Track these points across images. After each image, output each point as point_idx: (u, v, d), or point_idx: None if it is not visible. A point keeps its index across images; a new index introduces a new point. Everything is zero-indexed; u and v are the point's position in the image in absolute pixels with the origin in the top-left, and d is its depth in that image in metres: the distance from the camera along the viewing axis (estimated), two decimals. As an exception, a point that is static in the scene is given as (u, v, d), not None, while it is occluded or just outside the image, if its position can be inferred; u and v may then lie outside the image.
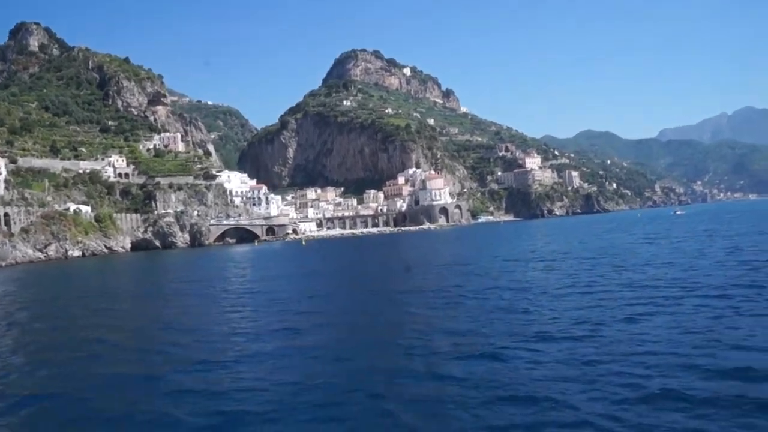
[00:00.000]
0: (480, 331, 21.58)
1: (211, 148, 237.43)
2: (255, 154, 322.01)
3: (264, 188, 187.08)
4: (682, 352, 16.66)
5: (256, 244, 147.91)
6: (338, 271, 60.31)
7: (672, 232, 78.87)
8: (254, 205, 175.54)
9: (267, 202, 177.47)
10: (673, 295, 25.90)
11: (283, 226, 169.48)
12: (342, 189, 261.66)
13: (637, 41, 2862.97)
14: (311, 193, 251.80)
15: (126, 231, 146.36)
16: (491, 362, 17.14)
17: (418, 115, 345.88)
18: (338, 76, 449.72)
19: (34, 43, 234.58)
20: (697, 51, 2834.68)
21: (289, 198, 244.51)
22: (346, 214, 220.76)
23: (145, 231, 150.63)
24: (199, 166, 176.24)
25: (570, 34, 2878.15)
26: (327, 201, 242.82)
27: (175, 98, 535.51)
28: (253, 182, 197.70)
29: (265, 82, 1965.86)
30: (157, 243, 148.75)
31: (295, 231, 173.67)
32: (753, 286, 26.38)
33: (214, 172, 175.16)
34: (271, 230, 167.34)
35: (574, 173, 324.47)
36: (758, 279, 28.50)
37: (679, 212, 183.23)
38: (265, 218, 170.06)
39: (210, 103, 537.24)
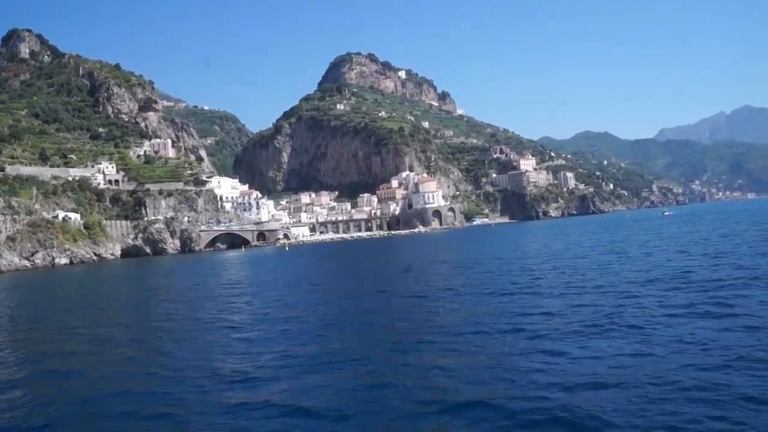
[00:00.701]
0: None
1: (203, 153, 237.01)
2: (249, 159, 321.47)
3: (255, 193, 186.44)
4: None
5: (243, 249, 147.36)
6: (300, 277, 59.47)
7: (630, 238, 74.98)
8: (245, 210, 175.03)
9: (258, 208, 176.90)
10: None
11: (273, 231, 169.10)
12: (336, 193, 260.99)
13: (635, 41, 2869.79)
14: (305, 198, 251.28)
15: (116, 238, 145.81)
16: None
17: (412, 119, 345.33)
18: (333, 80, 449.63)
19: (25, 50, 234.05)
20: (695, 50, 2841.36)
21: (283, 203, 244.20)
22: (340, 218, 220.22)
23: (135, 238, 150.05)
24: (190, 172, 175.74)
25: (567, 35, 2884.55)
26: (321, 205, 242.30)
27: (172, 104, 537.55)
28: (245, 188, 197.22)
29: (262, 87, 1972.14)
30: (148, 249, 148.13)
31: (286, 236, 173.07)
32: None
33: (204, 178, 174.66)
34: (261, 235, 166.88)
35: (569, 174, 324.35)
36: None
37: (666, 213, 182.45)
38: (256, 223, 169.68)
39: (207, 108, 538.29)
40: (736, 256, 39.79)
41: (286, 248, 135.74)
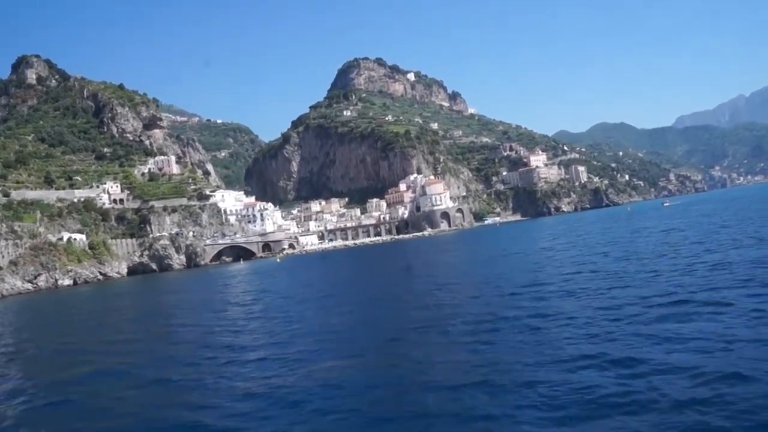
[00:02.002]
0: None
1: (210, 167, 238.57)
2: (260, 170, 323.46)
3: (259, 205, 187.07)
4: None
5: (241, 262, 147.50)
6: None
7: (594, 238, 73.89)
8: (249, 222, 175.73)
9: (262, 219, 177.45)
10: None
11: (279, 241, 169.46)
12: (346, 200, 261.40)
13: (647, 28, 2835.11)
14: (315, 206, 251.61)
15: (122, 256, 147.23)
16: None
17: (420, 120, 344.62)
18: (342, 86, 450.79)
19: (32, 76, 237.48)
20: (709, 33, 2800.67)
21: (294, 212, 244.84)
22: (348, 224, 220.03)
23: (141, 255, 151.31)
24: (193, 187, 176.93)
25: (580, 25, 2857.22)
26: (331, 213, 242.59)
27: (186, 119, 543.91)
28: (249, 200, 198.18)
29: (273, 97, 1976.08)
30: (154, 266, 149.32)
31: (292, 246, 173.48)
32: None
33: (207, 192, 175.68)
34: (267, 246, 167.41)
35: (581, 168, 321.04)
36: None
37: (666, 204, 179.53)
38: (261, 235, 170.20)
39: (219, 121, 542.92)
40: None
41: (278, 260, 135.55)
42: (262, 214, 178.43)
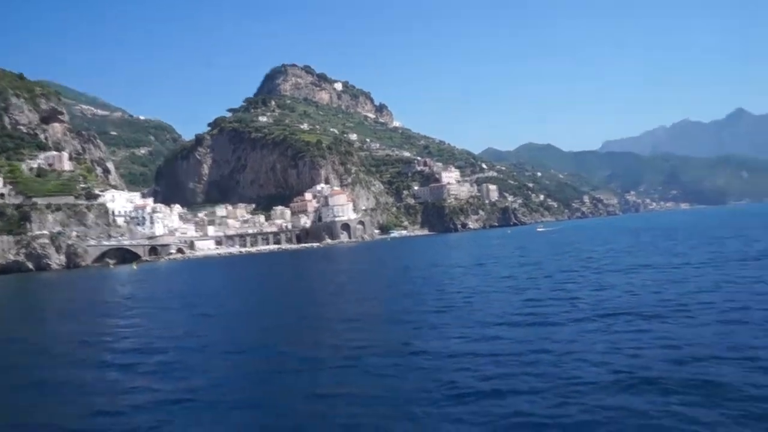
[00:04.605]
0: None
1: (110, 165, 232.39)
2: (171, 171, 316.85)
3: (149, 207, 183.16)
4: None
5: (135, 267, 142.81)
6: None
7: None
8: (138, 224, 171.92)
9: (152, 222, 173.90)
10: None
11: (166, 246, 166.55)
12: (254, 206, 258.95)
13: (580, 54, 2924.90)
14: (221, 210, 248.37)
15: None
16: None
17: (336, 131, 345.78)
18: (268, 91, 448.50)
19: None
20: (639, 64, 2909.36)
21: (200, 215, 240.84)
22: (250, 231, 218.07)
23: (17, 253, 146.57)
24: (83, 185, 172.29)
25: (512, 47, 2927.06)
26: (236, 218, 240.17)
27: (107, 113, 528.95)
28: (144, 201, 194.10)
29: (202, 98, 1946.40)
30: (30, 265, 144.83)
31: (180, 251, 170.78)
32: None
33: (96, 192, 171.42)
34: (154, 250, 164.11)
35: (492, 186, 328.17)
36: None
37: (540, 229, 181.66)
38: (149, 238, 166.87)
39: (143, 118, 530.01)
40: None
41: (135, 266, 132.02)
42: (151, 217, 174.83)
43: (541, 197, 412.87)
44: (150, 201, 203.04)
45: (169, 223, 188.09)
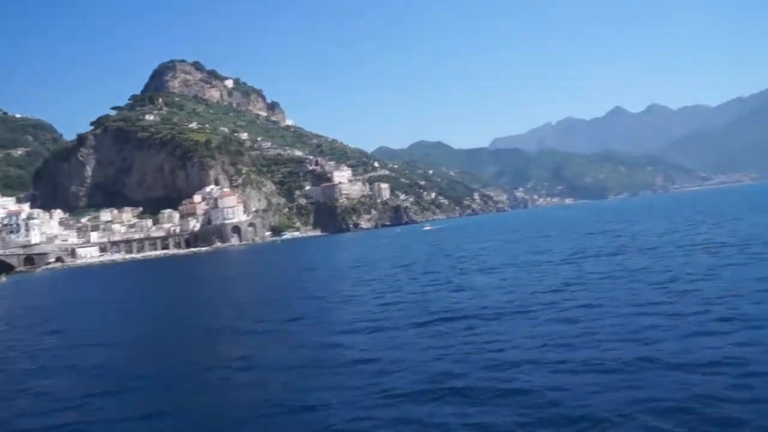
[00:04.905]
0: None
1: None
2: (51, 173, 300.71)
3: (24, 213, 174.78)
4: None
5: (3, 279, 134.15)
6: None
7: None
8: (12, 232, 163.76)
9: (27, 229, 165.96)
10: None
11: (44, 254, 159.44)
12: (141, 209, 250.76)
13: (467, 52, 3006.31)
14: (106, 215, 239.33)
15: None
16: None
17: (226, 129, 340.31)
18: (156, 87, 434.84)
19: None
20: (524, 62, 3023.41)
21: (84, 220, 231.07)
22: (136, 236, 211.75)
23: None
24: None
25: (404, 44, 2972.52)
26: (122, 223, 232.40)
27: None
28: (18, 206, 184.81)
29: (85, 95, 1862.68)
30: None
31: (60, 259, 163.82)
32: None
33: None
34: (30, 260, 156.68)
35: (384, 185, 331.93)
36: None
37: (427, 228, 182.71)
38: (24, 246, 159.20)
39: (18, 115, 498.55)
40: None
41: (3, 279, 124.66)
42: (27, 224, 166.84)
43: (433, 195, 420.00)
44: (26, 206, 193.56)
45: (47, 229, 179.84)
